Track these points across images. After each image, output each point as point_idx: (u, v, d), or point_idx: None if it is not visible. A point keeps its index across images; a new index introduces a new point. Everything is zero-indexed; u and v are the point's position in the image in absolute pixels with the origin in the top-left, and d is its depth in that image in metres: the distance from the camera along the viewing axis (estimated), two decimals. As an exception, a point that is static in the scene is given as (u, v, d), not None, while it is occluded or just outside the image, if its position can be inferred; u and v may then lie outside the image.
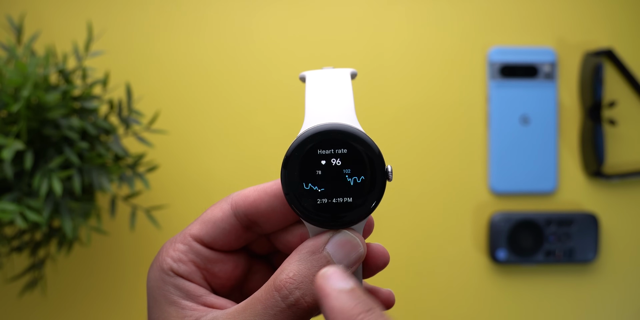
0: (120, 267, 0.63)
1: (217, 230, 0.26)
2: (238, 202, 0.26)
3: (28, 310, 0.63)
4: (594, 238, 0.65)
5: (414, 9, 0.65)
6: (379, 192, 0.24)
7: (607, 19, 0.66)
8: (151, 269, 0.26)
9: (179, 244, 0.26)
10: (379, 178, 0.24)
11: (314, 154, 0.24)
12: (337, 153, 0.24)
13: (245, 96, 0.64)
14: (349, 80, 0.26)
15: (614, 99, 0.66)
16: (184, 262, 0.25)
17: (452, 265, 0.65)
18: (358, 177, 0.24)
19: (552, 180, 0.66)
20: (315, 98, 0.25)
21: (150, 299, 0.25)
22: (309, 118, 0.25)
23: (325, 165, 0.24)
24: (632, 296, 0.67)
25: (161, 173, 0.62)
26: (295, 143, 0.24)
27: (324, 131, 0.24)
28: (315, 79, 0.26)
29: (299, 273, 0.23)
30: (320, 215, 0.24)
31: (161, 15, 0.64)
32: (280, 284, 0.23)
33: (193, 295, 0.25)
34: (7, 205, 0.46)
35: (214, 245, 0.26)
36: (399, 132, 0.65)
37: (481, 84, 0.66)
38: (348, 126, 0.24)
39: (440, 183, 0.65)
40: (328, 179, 0.24)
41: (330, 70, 0.26)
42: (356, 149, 0.24)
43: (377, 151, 0.24)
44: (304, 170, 0.24)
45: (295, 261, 0.23)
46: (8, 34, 0.59)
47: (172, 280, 0.25)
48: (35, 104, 0.48)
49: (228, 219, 0.26)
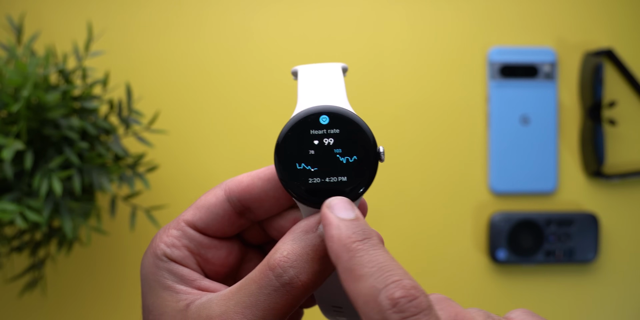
0: (120, 267, 0.63)
1: (210, 215, 0.26)
2: (232, 187, 0.26)
3: (28, 310, 0.63)
4: (594, 238, 0.65)
5: (414, 8, 0.65)
6: (371, 172, 0.24)
7: (607, 19, 0.66)
8: (145, 256, 0.26)
9: (173, 230, 0.26)
10: (371, 158, 0.24)
11: (307, 134, 0.24)
12: (329, 133, 0.24)
13: (245, 96, 0.64)
14: (341, 71, 0.26)
15: (614, 99, 0.66)
16: (178, 247, 0.25)
17: (452, 265, 0.65)
18: (350, 156, 0.24)
19: (552, 180, 0.66)
20: (307, 85, 0.26)
21: (145, 285, 0.25)
22: (301, 102, 0.25)
23: (317, 145, 0.24)
24: (632, 296, 0.67)
25: (161, 173, 0.62)
26: (289, 124, 0.24)
27: (317, 112, 0.24)
28: (307, 70, 0.27)
29: (293, 252, 0.23)
30: (312, 195, 0.24)
31: (161, 15, 0.64)
32: (274, 262, 0.23)
33: (187, 279, 0.25)
34: (7, 205, 0.46)
35: (208, 230, 0.26)
36: (399, 132, 0.65)
37: (481, 84, 0.66)
38: (340, 108, 0.25)
39: (440, 183, 0.65)
40: (320, 158, 0.24)
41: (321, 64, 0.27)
42: (348, 129, 0.24)
43: (369, 131, 0.24)
44: (296, 150, 0.24)
45: (289, 240, 0.23)
46: (8, 34, 0.59)
47: (166, 265, 0.25)
48: (35, 104, 0.48)
49: (222, 204, 0.26)
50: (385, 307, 0.19)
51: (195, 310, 0.24)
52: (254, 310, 0.23)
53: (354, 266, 0.20)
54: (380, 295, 0.19)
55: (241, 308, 0.23)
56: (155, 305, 0.25)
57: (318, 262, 0.23)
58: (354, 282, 0.20)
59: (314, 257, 0.23)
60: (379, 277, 0.20)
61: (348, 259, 0.20)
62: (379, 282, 0.19)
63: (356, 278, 0.20)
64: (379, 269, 0.20)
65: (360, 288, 0.20)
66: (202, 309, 0.23)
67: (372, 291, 0.19)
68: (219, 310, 0.23)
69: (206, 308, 0.23)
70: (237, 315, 0.23)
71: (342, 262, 0.21)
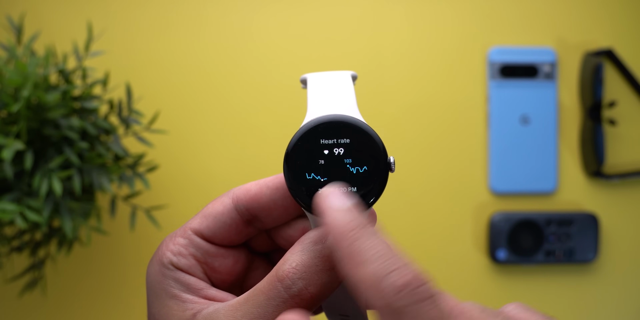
0: (120, 267, 0.63)
1: (217, 224, 0.26)
2: (239, 195, 0.25)
3: (28, 310, 0.63)
4: (594, 238, 0.65)
5: (414, 9, 0.65)
6: (381, 182, 0.24)
7: (607, 19, 0.66)
8: (151, 264, 0.26)
9: (179, 238, 0.26)
10: (381, 168, 0.24)
11: (317, 144, 0.24)
12: (340, 143, 0.24)
13: (245, 96, 0.64)
14: (350, 80, 0.26)
15: (614, 99, 0.66)
16: (184, 256, 0.25)
17: (452, 265, 0.65)
18: (360, 167, 0.24)
19: (552, 180, 0.66)
20: (317, 94, 0.26)
21: (150, 293, 0.25)
22: (311, 111, 0.25)
23: (328, 155, 0.24)
24: (632, 296, 0.67)
25: (161, 173, 0.62)
26: (299, 133, 0.24)
27: (327, 121, 0.24)
28: (317, 78, 0.26)
29: (302, 263, 0.23)
30: None
31: (161, 15, 0.64)
32: (283, 274, 0.23)
33: (194, 288, 0.25)
34: (7, 205, 0.46)
35: (215, 239, 0.26)
36: (399, 132, 0.65)
37: (481, 84, 0.66)
38: (351, 117, 0.24)
39: (440, 183, 0.65)
40: (330, 168, 0.24)
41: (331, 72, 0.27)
42: (359, 139, 0.24)
43: (380, 141, 0.24)
44: (306, 159, 0.24)
45: (298, 251, 0.23)
46: (8, 34, 0.59)
47: (172, 274, 0.25)
48: (35, 104, 0.48)
49: (229, 213, 0.25)
50: (389, 293, 0.19)
51: None
52: None
53: (353, 253, 0.20)
54: (384, 281, 0.19)
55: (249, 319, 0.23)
56: (161, 314, 0.24)
57: (327, 274, 0.23)
58: (355, 268, 0.20)
59: (323, 269, 0.23)
60: (381, 263, 0.19)
61: (348, 245, 0.20)
62: (381, 269, 0.19)
63: (357, 264, 0.20)
64: (381, 256, 0.20)
65: (362, 274, 0.20)
66: (209, 318, 0.23)
67: (375, 277, 0.19)
68: None
69: (213, 318, 0.23)
70: None
71: (342, 249, 0.20)
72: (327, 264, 0.23)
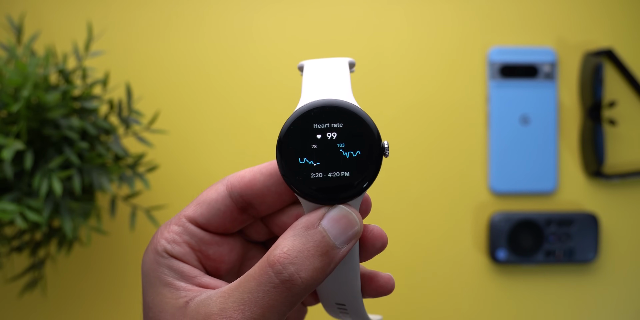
0: (120, 267, 0.63)
1: (212, 211, 0.25)
2: (233, 182, 0.25)
3: (28, 310, 0.63)
4: (594, 238, 0.65)
5: (414, 9, 0.65)
6: (375, 166, 0.24)
7: (607, 19, 0.66)
8: (146, 252, 0.25)
9: (174, 226, 0.25)
10: (375, 153, 0.23)
11: (310, 128, 0.23)
12: (333, 127, 0.23)
13: (245, 96, 0.64)
14: (347, 66, 0.26)
15: (614, 99, 0.66)
16: (178, 244, 0.25)
17: (452, 265, 0.65)
18: (354, 151, 0.23)
19: (552, 180, 0.66)
20: (312, 79, 0.25)
21: (145, 282, 0.25)
22: (304, 96, 0.25)
23: (320, 139, 0.23)
24: (632, 296, 0.67)
25: (161, 173, 0.62)
26: (291, 118, 0.24)
27: (320, 106, 0.24)
28: (313, 64, 0.26)
29: (294, 248, 0.23)
30: (314, 190, 0.23)
31: (161, 15, 0.64)
32: (274, 259, 0.22)
33: (187, 276, 0.25)
34: (7, 205, 0.46)
35: (209, 226, 0.26)
36: (399, 132, 0.65)
37: (481, 84, 0.66)
38: (344, 101, 0.24)
39: (440, 183, 0.65)
40: (323, 153, 0.23)
41: (328, 58, 0.27)
42: (352, 123, 0.23)
43: (373, 125, 0.24)
44: (299, 144, 0.23)
45: (289, 237, 0.23)
46: (8, 34, 0.59)
47: (166, 262, 0.25)
48: (35, 104, 0.48)
49: (223, 200, 0.25)
50: None
51: (194, 307, 0.23)
52: (252, 307, 0.22)
53: None
54: None
55: (240, 305, 0.22)
56: (155, 302, 0.24)
57: (319, 259, 0.23)
58: None
59: (315, 254, 0.23)
60: None
61: None
62: None
63: None
64: None
65: None
66: (201, 306, 0.23)
67: None
68: (218, 308, 0.23)
69: (205, 305, 0.23)
70: (236, 312, 0.22)
71: None
72: (318, 249, 0.23)
